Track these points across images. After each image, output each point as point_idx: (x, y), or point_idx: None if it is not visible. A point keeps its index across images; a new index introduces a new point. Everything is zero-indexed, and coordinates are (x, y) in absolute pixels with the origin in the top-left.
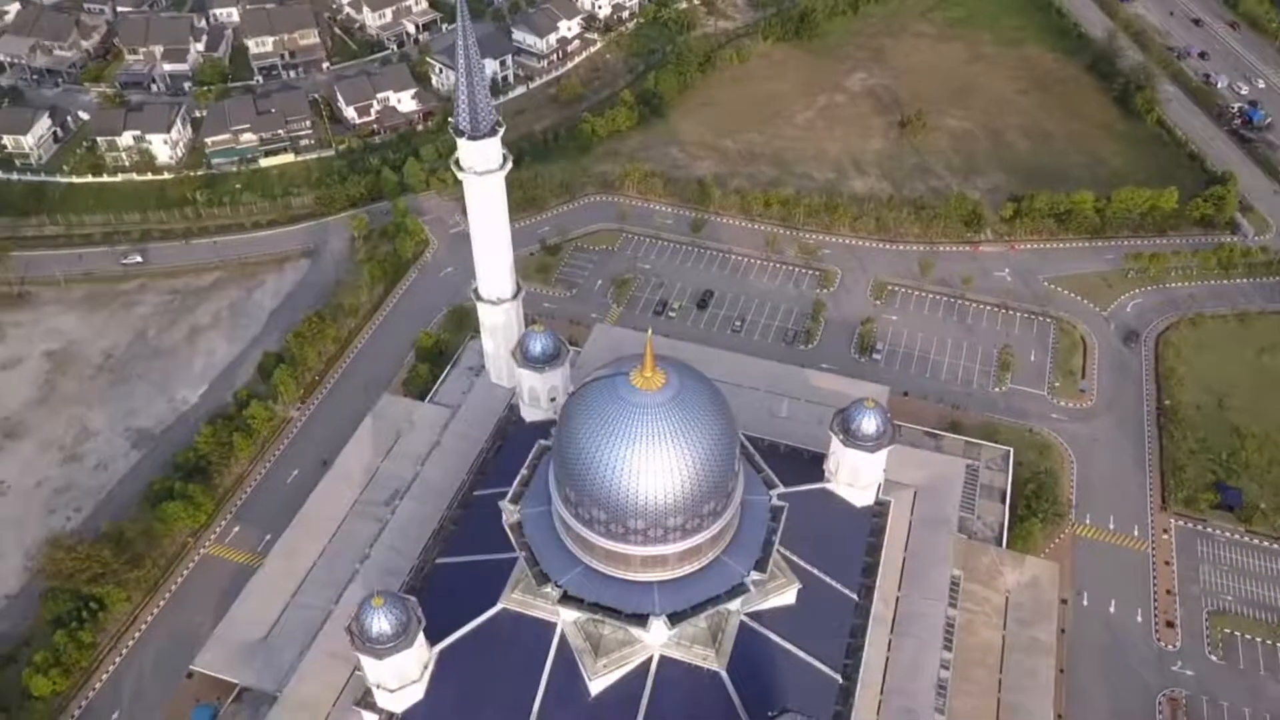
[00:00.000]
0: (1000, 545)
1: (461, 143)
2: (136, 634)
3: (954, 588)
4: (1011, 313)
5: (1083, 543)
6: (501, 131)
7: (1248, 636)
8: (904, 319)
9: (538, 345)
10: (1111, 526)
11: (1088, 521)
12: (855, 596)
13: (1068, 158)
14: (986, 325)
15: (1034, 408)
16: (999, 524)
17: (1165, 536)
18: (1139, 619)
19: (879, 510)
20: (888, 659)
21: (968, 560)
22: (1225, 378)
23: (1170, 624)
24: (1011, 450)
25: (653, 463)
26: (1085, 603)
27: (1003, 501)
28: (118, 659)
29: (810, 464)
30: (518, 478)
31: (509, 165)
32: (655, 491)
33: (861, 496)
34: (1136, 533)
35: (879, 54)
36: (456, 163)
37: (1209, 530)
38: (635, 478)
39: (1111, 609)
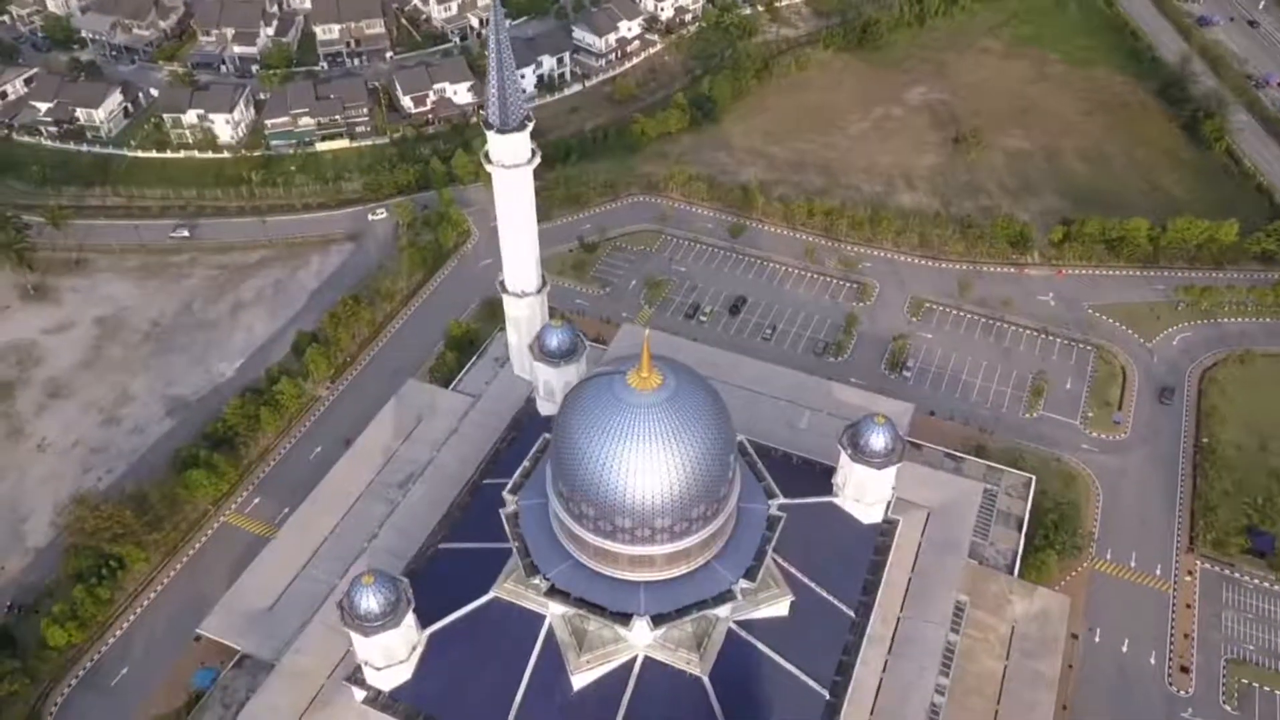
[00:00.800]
0: (1012, 574)
1: (491, 136)
2: (152, 594)
3: (958, 613)
4: (1051, 338)
5: (1101, 578)
6: (531, 126)
7: (1266, 689)
8: (939, 338)
9: (554, 340)
10: (1133, 564)
11: (1108, 557)
12: (852, 614)
13: (1126, 184)
14: (1024, 350)
15: (1064, 437)
16: (1013, 552)
17: (1189, 578)
18: (1152, 660)
19: (886, 529)
20: (881, 679)
21: (976, 586)
22: (1271, 419)
23: (1185, 669)
24: (1034, 478)
25: (642, 462)
26: (1097, 640)
27: (1019, 529)
28: (132, 617)
29: (821, 477)
30: (519, 469)
31: (537, 159)
32: (643, 491)
33: (869, 513)
34: (1159, 572)
35: (941, 68)
36: (486, 155)
37: (1236, 575)
38: (624, 476)
39: (1124, 648)
